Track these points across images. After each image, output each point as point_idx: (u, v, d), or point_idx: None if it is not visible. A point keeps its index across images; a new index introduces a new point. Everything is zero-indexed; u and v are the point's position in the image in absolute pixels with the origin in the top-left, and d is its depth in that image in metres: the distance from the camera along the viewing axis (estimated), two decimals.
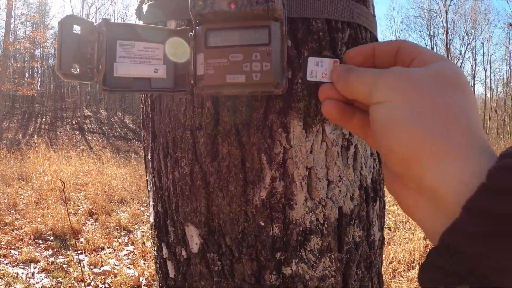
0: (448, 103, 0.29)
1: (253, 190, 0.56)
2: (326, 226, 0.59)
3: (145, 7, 0.69)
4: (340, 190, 0.59)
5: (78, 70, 0.39)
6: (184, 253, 0.64)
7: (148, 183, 0.71)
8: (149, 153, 0.67)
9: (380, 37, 0.81)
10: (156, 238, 0.70)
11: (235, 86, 0.42)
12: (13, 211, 5.26)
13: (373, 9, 0.70)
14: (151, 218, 0.72)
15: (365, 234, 0.66)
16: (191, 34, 0.44)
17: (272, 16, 0.40)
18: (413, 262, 3.62)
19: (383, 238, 0.75)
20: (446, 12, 28.44)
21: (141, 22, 0.73)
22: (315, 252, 0.60)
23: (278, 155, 0.54)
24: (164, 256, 0.69)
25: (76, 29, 0.39)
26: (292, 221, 0.58)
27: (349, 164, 0.59)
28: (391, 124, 0.30)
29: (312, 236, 0.59)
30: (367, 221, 0.65)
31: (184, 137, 0.57)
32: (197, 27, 0.43)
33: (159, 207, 0.66)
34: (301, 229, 0.58)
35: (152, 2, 0.66)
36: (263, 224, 0.57)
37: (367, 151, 0.63)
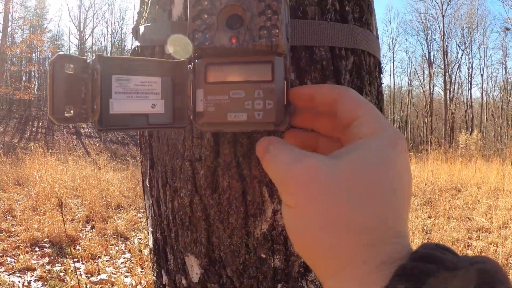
0: (356, 213, 0.27)
1: (254, 223, 0.54)
2: None
3: (141, 28, 0.68)
4: None
5: (72, 112, 0.38)
6: (184, 281, 0.62)
7: (147, 208, 0.70)
8: (148, 179, 0.66)
9: None
10: (155, 264, 0.69)
11: (236, 125, 0.40)
12: (9, 217, 5.22)
13: (376, 31, 0.68)
14: (150, 243, 0.70)
15: None
16: (189, 67, 0.43)
17: (275, 51, 0.39)
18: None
19: None
20: (443, 16, 28.59)
21: (137, 43, 0.71)
22: (316, 282, 0.59)
23: None
24: (164, 283, 0.67)
25: (68, 67, 0.38)
26: (293, 253, 0.56)
27: None
28: (294, 230, 0.29)
29: None
30: None
31: (183, 167, 0.56)
32: (196, 60, 0.42)
33: (158, 234, 0.65)
34: (302, 260, 0.57)
35: (149, 24, 0.65)
36: (264, 256, 0.56)
37: None
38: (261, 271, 0.56)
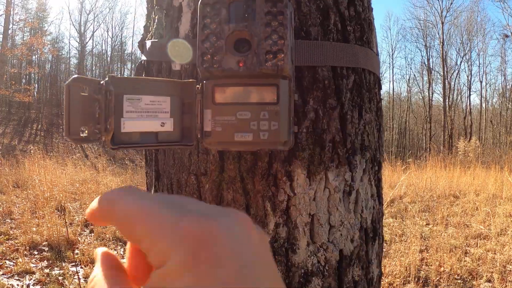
0: None
1: None
2: (327, 268, 0.60)
3: (148, 43, 0.70)
4: (341, 234, 0.60)
5: (86, 131, 0.39)
6: None
7: None
8: (153, 190, 0.68)
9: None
10: None
11: (242, 144, 0.42)
12: (8, 220, 5.22)
13: (376, 47, 0.70)
14: None
15: (364, 273, 0.67)
16: (198, 87, 0.44)
17: (280, 75, 0.41)
18: (409, 277, 3.61)
19: (381, 273, 0.75)
20: (442, 23, 28.71)
21: (143, 56, 0.73)
22: None
23: (282, 202, 0.55)
24: None
25: (83, 88, 0.40)
26: (294, 264, 0.58)
27: (350, 209, 0.60)
28: None
29: (314, 278, 0.59)
30: (366, 260, 0.66)
31: (189, 181, 0.58)
32: (204, 81, 0.44)
33: None
34: (303, 271, 0.59)
35: (157, 40, 0.67)
36: None
37: (367, 193, 0.64)
38: None
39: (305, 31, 0.54)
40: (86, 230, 5.05)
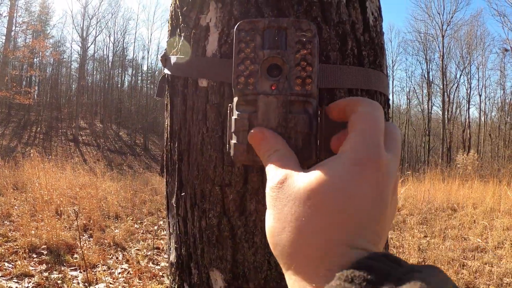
0: (307, 222, 0.31)
1: None
2: None
3: (173, 58, 0.74)
4: None
5: None
6: None
7: (171, 226, 0.75)
8: (174, 199, 0.71)
9: None
10: (177, 277, 0.74)
11: None
12: (7, 222, 5.23)
13: (387, 69, 0.75)
14: (172, 258, 0.75)
15: None
16: (230, 106, 0.48)
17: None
18: None
19: None
20: (443, 36, 28.96)
21: (167, 70, 0.77)
22: None
23: None
24: None
25: None
26: None
27: None
28: (267, 227, 0.35)
29: None
30: None
31: (213, 191, 0.62)
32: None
33: (183, 250, 0.70)
34: None
35: (182, 56, 0.71)
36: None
37: None
38: (280, 285, 0.62)
39: (325, 56, 0.59)
40: (85, 234, 5.06)
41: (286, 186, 0.34)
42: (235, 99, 0.46)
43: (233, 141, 0.45)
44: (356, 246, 0.31)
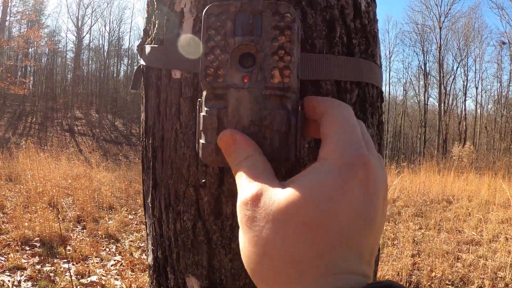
0: (286, 245, 0.28)
1: None
2: None
3: (147, 48, 0.68)
4: None
5: None
6: None
7: (148, 227, 0.70)
8: (149, 199, 0.66)
9: None
10: (155, 281, 0.69)
11: None
12: (0, 214, 5.18)
13: (380, 59, 0.70)
14: (149, 260, 0.71)
15: None
16: (199, 101, 0.43)
17: (286, 92, 0.40)
18: (400, 281, 3.62)
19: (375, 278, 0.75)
20: (440, 28, 28.84)
21: (142, 61, 0.71)
22: None
23: None
24: None
25: None
26: None
27: None
28: (242, 251, 0.31)
29: None
30: None
31: (187, 192, 0.57)
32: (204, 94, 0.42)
33: (159, 253, 0.65)
34: None
35: (156, 46, 0.65)
36: None
37: None
38: None
39: (310, 44, 0.53)
40: (78, 226, 5.02)
41: (262, 204, 0.30)
42: (204, 93, 0.41)
43: (202, 140, 0.40)
44: (352, 271, 0.27)
